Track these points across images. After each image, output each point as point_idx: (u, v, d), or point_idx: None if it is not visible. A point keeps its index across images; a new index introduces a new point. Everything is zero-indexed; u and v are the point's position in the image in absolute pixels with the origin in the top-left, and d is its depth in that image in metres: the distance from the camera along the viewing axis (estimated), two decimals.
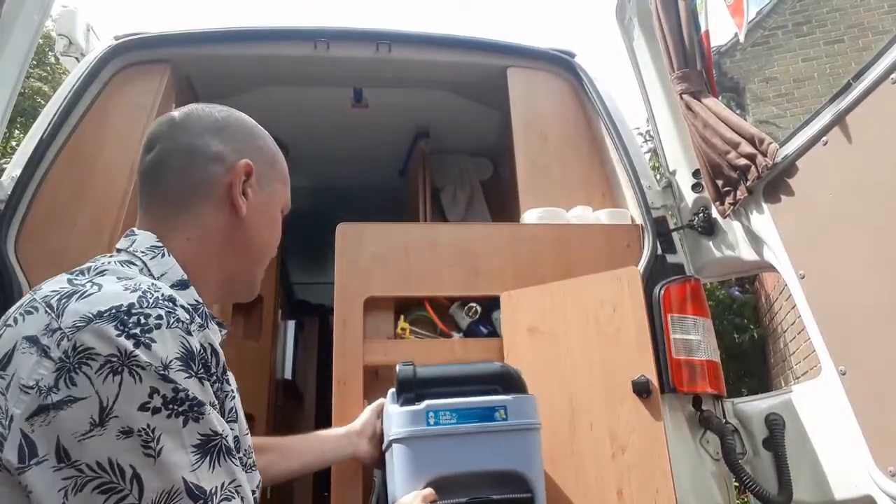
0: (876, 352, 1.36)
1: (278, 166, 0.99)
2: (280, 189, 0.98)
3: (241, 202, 0.89)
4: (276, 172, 0.98)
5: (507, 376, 1.43)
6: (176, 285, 0.82)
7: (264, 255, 0.96)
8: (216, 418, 0.71)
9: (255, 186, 0.91)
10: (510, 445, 1.34)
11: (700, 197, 1.96)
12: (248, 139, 0.95)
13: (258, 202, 0.92)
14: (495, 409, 1.35)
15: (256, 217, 0.91)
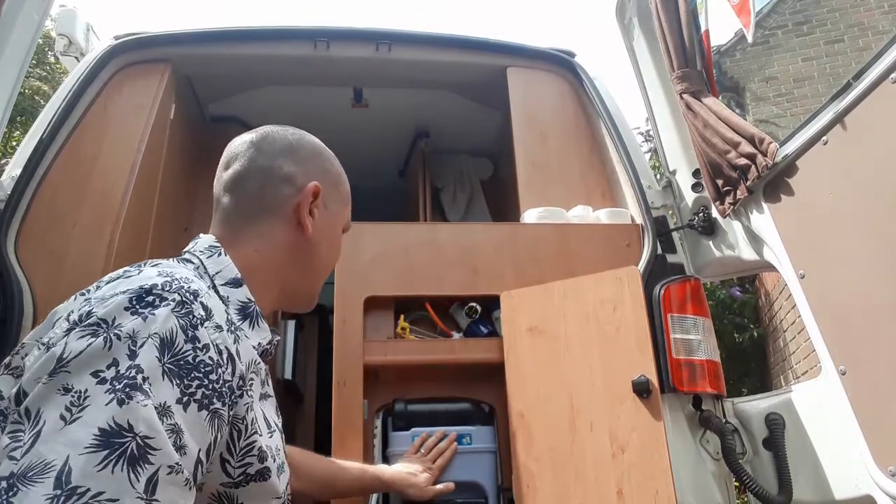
0: (876, 352, 1.36)
1: (342, 188, 1.05)
2: (342, 210, 1.04)
3: (308, 222, 0.95)
4: (340, 194, 1.04)
5: (474, 412, 1.81)
6: (229, 283, 0.87)
7: (325, 271, 1.02)
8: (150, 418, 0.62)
9: (321, 207, 0.97)
10: (473, 463, 1.73)
11: (700, 197, 1.96)
12: (318, 161, 1.01)
13: (322, 222, 0.98)
14: (463, 436, 1.74)
15: (320, 236, 0.97)
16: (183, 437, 0.66)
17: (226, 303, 0.85)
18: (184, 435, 0.66)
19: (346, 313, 1.80)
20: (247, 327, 0.86)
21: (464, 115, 2.91)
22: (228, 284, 0.87)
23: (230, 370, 0.74)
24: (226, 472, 0.76)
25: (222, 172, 0.98)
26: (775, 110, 6.91)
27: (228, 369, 0.74)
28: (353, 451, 1.65)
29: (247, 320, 0.87)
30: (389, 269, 1.88)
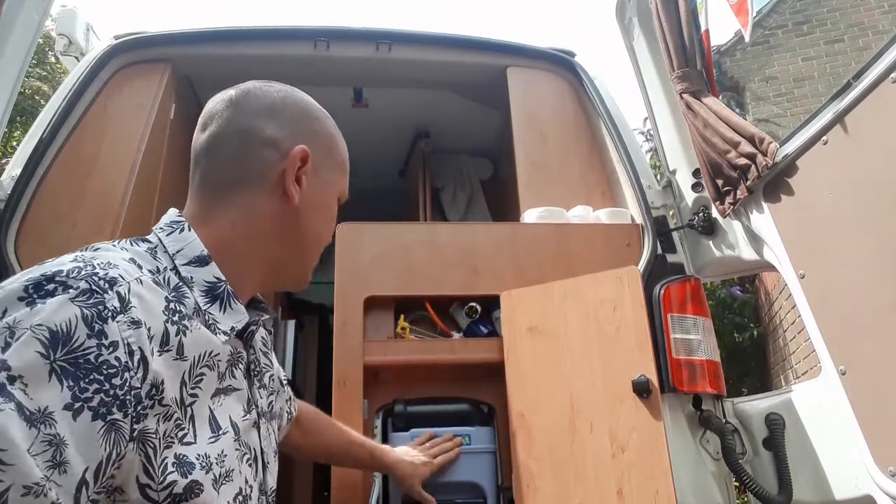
0: (876, 352, 1.36)
1: (336, 152, 0.92)
2: (337, 177, 0.91)
3: (294, 190, 0.83)
4: (333, 159, 0.91)
5: (474, 413, 1.81)
6: (193, 261, 0.77)
7: (316, 245, 0.90)
8: (3, 425, 0.52)
9: (311, 174, 0.85)
10: (471, 463, 1.72)
11: (700, 196, 1.96)
12: (306, 122, 0.89)
13: (312, 190, 0.86)
14: (462, 436, 1.74)
15: (309, 206, 0.85)
16: (65, 451, 0.54)
17: (188, 284, 0.75)
18: (67, 449, 0.55)
19: (346, 313, 1.80)
20: (216, 310, 0.76)
21: (464, 115, 2.90)
22: (192, 263, 0.77)
23: (140, 376, 0.62)
24: (149, 500, 0.64)
25: (198, 135, 0.86)
26: (775, 110, 6.91)
27: (138, 374, 0.62)
28: None
29: (216, 302, 0.77)
30: (389, 269, 1.88)
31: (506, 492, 1.72)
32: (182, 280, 0.75)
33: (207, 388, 0.73)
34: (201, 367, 0.72)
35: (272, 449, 0.89)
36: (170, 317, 0.69)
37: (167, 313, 0.69)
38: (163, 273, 0.74)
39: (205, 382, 0.72)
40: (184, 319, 0.71)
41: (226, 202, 0.82)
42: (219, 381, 0.75)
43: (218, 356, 0.75)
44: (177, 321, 0.69)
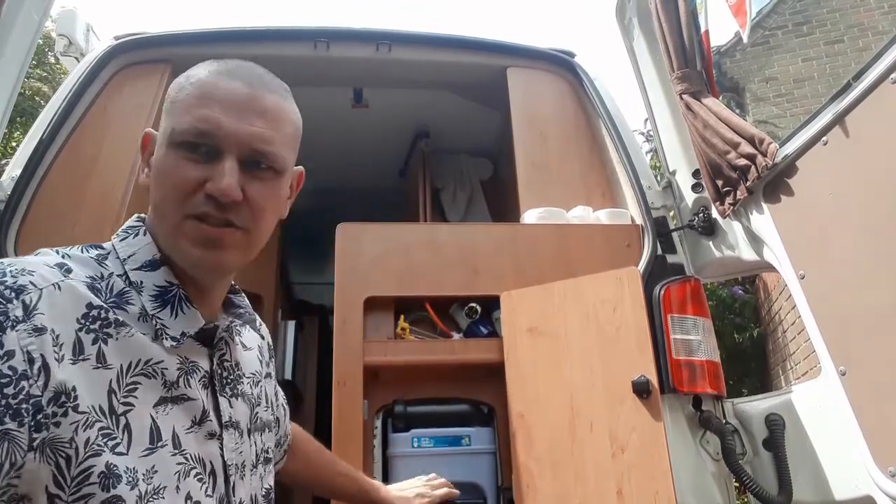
0: (876, 352, 1.36)
1: (178, 101, 0.77)
2: (167, 123, 0.77)
3: (143, 174, 0.80)
4: (173, 106, 0.78)
5: (473, 413, 1.83)
6: (145, 266, 0.75)
7: (166, 215, 0.75)
8: None
9: (152, 152, 0.78)
10: (471, 464, 1.76)
11: (700, 197, 1.96)
12: (169, 95, 0.80)
13: (153, 164, 0.77)
14: (462, 437, 1.78)
15: (153, 180, 0.77)
16: None
17: (138, 289, 0.74)
18: None
19: (346, 313, 1.80)
20: (166, 315, 0.74)
21: (464, 115, 2.91)
22: (144, 268, 0.75)
23: (41, 383, 0.61)
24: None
25: None
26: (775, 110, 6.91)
27: (38, 382, 0.60)
28: (353, 452, 1.65)
29: (166, 307, 0.74)
30: (389, 269, 1.88)
31: (506, 492, 1.72)
32: (131, 285, 0.74)
33: (147, 396, 0.70)
34: (135, 376, 0.69)
35: (251, 461, 0.84)
36: (86, 325, 0.66)
37: (84, 321, 0.67)
38: (106, 279, 0.72)
39: (142, 391, 0.69)
40: (108, 327, 0.68)
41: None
42: (165, 389, 0.72)
43: (161, 364, 0.72)
44: (95, 329, 0.67)
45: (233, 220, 0.74)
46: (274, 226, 0.82)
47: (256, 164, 0.75)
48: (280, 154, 0.78)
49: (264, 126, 0.76)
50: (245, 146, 0.74)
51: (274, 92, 0.80)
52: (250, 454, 0.84)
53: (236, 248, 0.76)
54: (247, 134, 0.74)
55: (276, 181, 0.78)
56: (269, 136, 0.76)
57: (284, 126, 0.79)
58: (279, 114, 0.79)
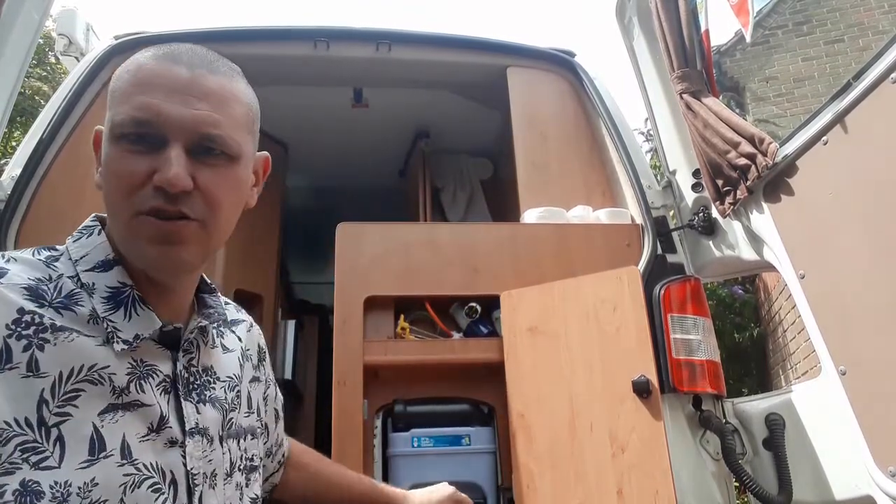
0: (876, 352, 1.36)
1: (116, 91, 0.73)
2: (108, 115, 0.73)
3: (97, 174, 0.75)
4: (111, 98, 0.74)
5: (473, 413, 1.84)
6: (97, 266, 0.72)
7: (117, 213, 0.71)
8: None
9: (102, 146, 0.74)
10: (471, 464, 1.77)
11: (700, 197, 1.96)
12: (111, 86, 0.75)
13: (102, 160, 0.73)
14: (462, 437, 1.79)
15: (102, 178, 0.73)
16: None
17: (89, 291, 0.70)
18: None
19: (346, 313, 1.80)
20: (119, 318, 0.70)
21: (464, 115, 2.91)
22: (96, 269, 0.72)
23: None
24: None
25: None
26: (775, 110, 6.91)
27: None
28: (353, 452, 1.65)
29: (119, 309, 0.70)
30: (389, 269, 1.88)
31: (506, 492, 1.72)
32: (83, 287, 0.70)
33: (90, 404, 0.65)
34: (77, 383, 0.65)
35: (223, 469, 0.78)
36: (17, 330, 0.63)
37: (14, 326, 0.63)
38: (55, 281, 0.69)
39: (85, 399, 0.65)
40: (43, 332, 0.64)
41: None
42: (114, 395, 0.67)
43: (107, 369, 0.67)
44: (29, 335, 0.63)
45: (186, 212, 0.69)
46: (236, 216, 0.77)
47: (206, 150, 0.71)
48: (230, 137, 0.72)
49: (209, 108, 0.71)
50: (190, 131, 0.69)
51: (218, 73, 0.75)
52: (223, 462, 0.78)
53: (194, 242, 0.71)
54: (191, 118, 0.69)
55: (231, 168, 0.73)
56: (216, 119, 0.71)
57: (233, 107, 0.74)
58: (226, 95, 0.74)
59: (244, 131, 0.76)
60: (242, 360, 0.89)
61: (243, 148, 0.75)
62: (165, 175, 0.67)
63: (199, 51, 0.76)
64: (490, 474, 1.77)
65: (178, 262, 0.72)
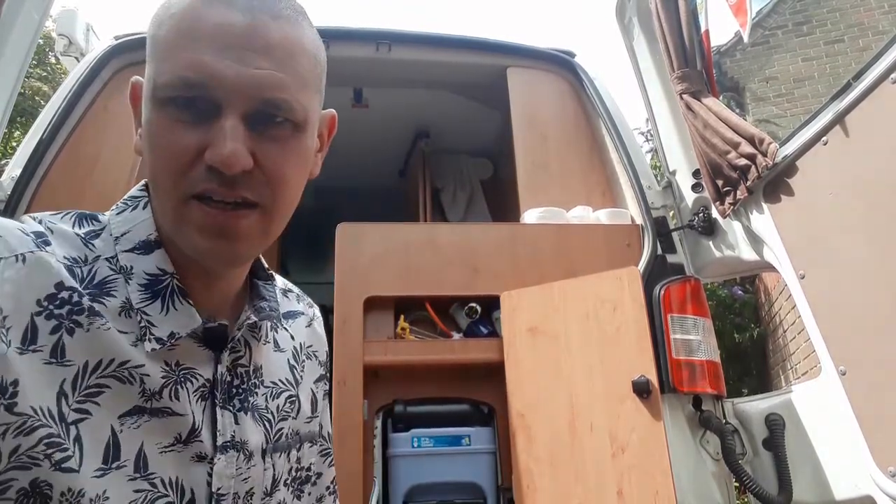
0: (876, 352, 1.36)
1: (158, 40, 0.59)
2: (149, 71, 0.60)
3: (136, 135, 0.64)
4: (152, 48, 0.60)
5: (473, 413, 1.84)
6: (138, 247, 0.62)
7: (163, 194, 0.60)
8: None
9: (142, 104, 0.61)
10: (472, 464, 1.77)
11: (700, 197, 1.96)
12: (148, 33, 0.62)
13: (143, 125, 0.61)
14: (462, 437, 1.79)
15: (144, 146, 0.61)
16: None
17: (127, 276, 0.60)
18: None
19: (346, 313, 1.80)
20: (155, 311, 0.60)
21: (464, 115, 2.91)
22: (136, 250, 0.61)
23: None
24: None
25: None
26: (775, 110, 6.91)
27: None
28: (353, 452, 1.65)
29: (156, 300, 0.60)
30: (389, 269, 1.88)
31: (506, 492, 1.72)
32: (121, 271, 0.60)
33: (112, 404, 0.56)
34: (101, 377, 0.56)
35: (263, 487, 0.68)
36: (48, 308, 0.54)
37: (46, 303, 0.54)
38: (90, 264, 0.60)
39: (106, 397, 0.56)
40: (78, 314, 0.56)
41: None
42: (142, 398, 0.58)
43: (141, 368, 0.58)
44: (61, 315, 0.55)
45: (246, 196, 0.58)
46: (300, 192, 0.64)
47: (269, 118, 0.58)
48: (297, 101, 0.59)
49: (272, 66, 0.57)
50: (249, 96, 0.56)
51: (281, 17, 0.59)
52: (264, 479, 0.68)
53: (254, 233, 0.60)
54: (250, 80, 0.56)
55: (297, 137, 0.60)
56: (281, 79, 0.57)
57: (300, 62, 0.60)
58: (292, 47, 0.59)
59: (312, 90, 0.62)
60: (298, 360, 0.78)
61: (310, 112, 0.61)
62: (220, 152, 0.55)
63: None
64: (490, 474, 1.77)
65: (234, 256, 0.62)
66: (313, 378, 0.79)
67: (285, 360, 0.75)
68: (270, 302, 0.71)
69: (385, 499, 1.73)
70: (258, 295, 0.71)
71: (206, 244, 0.58)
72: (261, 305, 0.70)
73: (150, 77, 0.59)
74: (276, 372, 0.73)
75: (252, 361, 0.68)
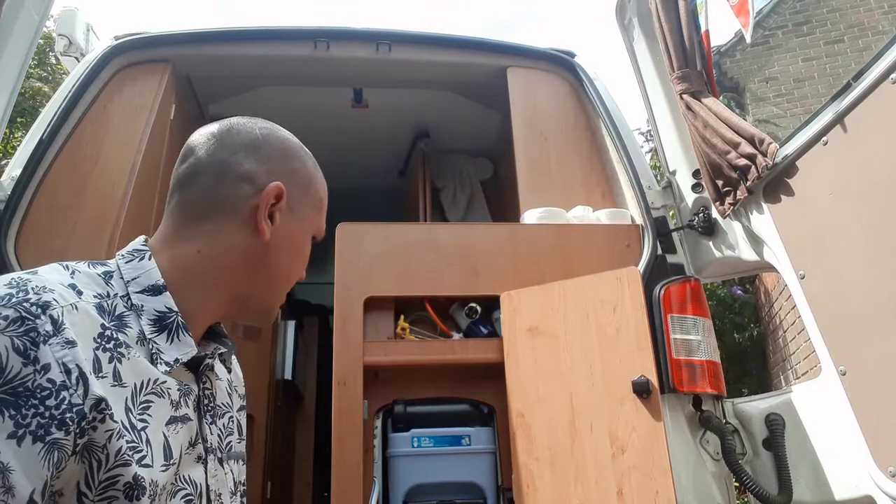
0: (876, 352, 1.36)
1: (313, 191, 0.91)
2: (312, 215, 0.91)
3: (266, 226, 0.84)
4: (310, 197, 0.90)
5: (473, 413, 1.85)
6: (147, 290, 0.78)
7: (284, 282, 0.90)
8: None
9: (285, 211, 0.86)
10: (471, 464, 1.77)
11: (700, 197, 1.96)
12: (285, 160, 0.88)
13: (285, 228, 0.86)
14: (462, 437, 1.79)
15: (280, 243, 0.86)
16: (12, 476, 0.59)
17: (138, 312, 0.76)
18: (13, 474, 0.59)
19: (346, 313, 1.80)
20: (162, 341, 0.76)
21: (464, 115, 2.91)
22: (146, 292, 0.78)
23: (81, 392, 0.64)
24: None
25: (178, 166, 0.87)
26: (775, 110, 6.91)
27: (78, 391, 0.64)
28: (353, 452, 1.65)
29: (163, 332, 0.77)
30: (389, 269, 1.88)
31: (506, 492, 1.72)
32: (132, 308, 0.76)
33: (159, 414, 0.73)
34: (147, 395, 0.72)
35: (228, 489, 0.85)
36: (102, 343, 0.69)
37: (99, 340, 0.69)
38: (111, 299, 0.75)
39: (154, 409, 0.72)
40: (119, 347, 0.71)
41: (195, 228, 0.83)
42: (173, 408, 0.75)
43: (166, 384, 0.75)
44: (110, 348, 0.70)
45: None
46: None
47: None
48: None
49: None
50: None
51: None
52: (227, 482, 0.85)
53: None
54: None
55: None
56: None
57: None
58: None
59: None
60: (229, 389, 0.95)
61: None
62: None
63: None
64: (490, 474, 1.77)
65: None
66: (237, 407, 0.96)
67: (224, 388, 0.93)
68: (228, 338, 0.91)
69: (385, 499, 1.73)
70: (216, 332, 0.90)
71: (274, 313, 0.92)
72: (224, 341, 0.90)
73: (314, 220, 0.91)
74: (221, 396, 0.90)
75: (213, 386, 0.87)
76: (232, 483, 0.86)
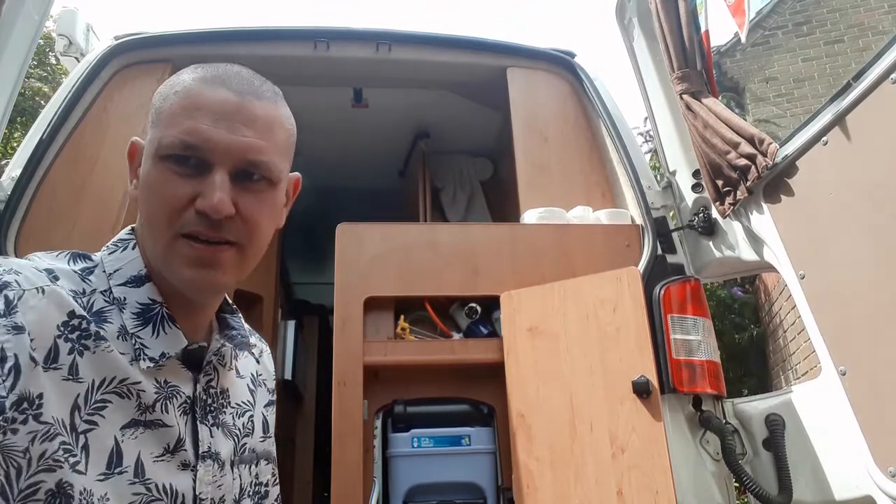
0: (876, 352, 1.36)
1: (163, 111, 0.74)
2: (153, 134, 0.74)
3: (131, 185, 0.76)
4: (157, 117, 0.75)
5: (473, 414, 1.85)
6: (129, 282, 0.73)
7: (156, 232, 0.72)
8: None
9: (138, 162, 0.76)
10: (471, 464, 1.77)
11: (700, 197, 1.96)
12: (154, 103, 0.78)
13: (141, 174, 0.74)
14: (462, 437, 1.79)
15: (141, 194, 0.73)
16: None
17: (120, 306, 0.71)
18: None
19: (346, 313, 1.80)
20: (147, 335, 0.71)
21: (464, 115, 2.91)
22: (128, 283, 0.72)
23: (8, 384, 0.58)
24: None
25: None
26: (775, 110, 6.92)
27: (6, 382, 0.58)
28: (353, 452, 1.65)
29: (147, 326, 0.71)
30: (389, 269, 1.88)
31: (506, 492, 1.72)
32: (114, 302, 0.71)
33: (115, 417, 0.66)
34: (105, 393, 0.66)
35: (232, 495, 0.79)
36: (65, 333, 0.64)
37: (63, 329, 0.64)
38: (88, 296, 0.70)
39: (110, 410, 0.66)
40: (86, 339, 0.66)
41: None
42: (138, 411, 0.69)
43: (138, 385, 0.69)
44: (73, 339, 0.65)
45: (227, 237, 0.71)
46: (270, 237, 0.79)
47: (249, 175, 0.72)
48: (274, 163, 0.74)
49: (255, 135, 0.72)
50: (236, 158, 0.71)
51: (264, 98, 0.76)
52: (233, 487, 0.79)
53: (231, 266, 0.73)
54: (237, 145, 0.71)
55: (271, 192, 0.75)
56: (261, 145, 0.72)
57: (277, 133, 0.75)
58: (271, 121, 0.75)
59: (284, 156, 0.77)
60: (255, 385, 0.90)
61: (283, 172, 0.77)
62: (210, 201, 0.68)
63: (246, 74, 0.78)
64: (490, 474, 1.77)
65: (213, 284, 0.73)
66: (263, 403, 0.92)
67: (245, 385, 0.88)
68: (239, 330, 0.84)
69: (385, 499, 1.73)
70: (226, 325, 0.84)
71: (192, 274, 0.71)
72: (231, 334, 0.83)
73: (154, 139, 0.72)
74: (240, 394, 0.85)
75: (220, 384, 0.80)
76: (238, 488, 0.81)
